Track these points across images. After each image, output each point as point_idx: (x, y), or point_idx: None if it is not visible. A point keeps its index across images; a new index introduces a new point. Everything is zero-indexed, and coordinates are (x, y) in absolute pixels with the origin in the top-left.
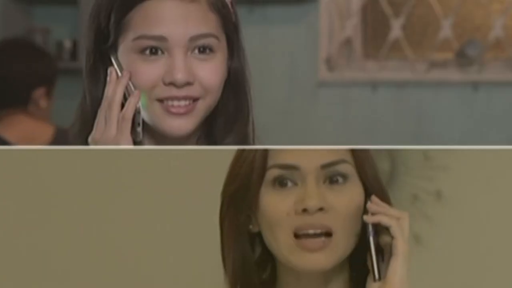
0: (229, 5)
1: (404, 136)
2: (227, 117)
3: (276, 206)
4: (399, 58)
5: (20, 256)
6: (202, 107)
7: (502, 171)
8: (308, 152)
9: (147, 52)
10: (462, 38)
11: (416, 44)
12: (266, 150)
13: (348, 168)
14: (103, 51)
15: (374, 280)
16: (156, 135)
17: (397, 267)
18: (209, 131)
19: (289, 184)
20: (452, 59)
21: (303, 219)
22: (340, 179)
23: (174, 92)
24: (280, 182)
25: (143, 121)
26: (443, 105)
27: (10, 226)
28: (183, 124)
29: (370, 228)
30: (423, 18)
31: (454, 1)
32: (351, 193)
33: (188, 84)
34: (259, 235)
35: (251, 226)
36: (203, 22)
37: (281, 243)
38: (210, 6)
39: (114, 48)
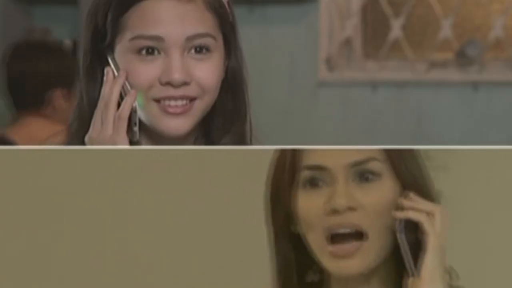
0: (226, 5)
1: (404, 136)
2: (224, 117)
3: (308, 207)
4: (399, 58)
5: (19, 255)
6: (199, 107)
7: (502, 171)
8: (336, 152)
9: (144, 52)
10: (462, 38)
11: (416, 44)
12: (295, 151)
13: (379, 166)
14: (100, 50)
15: (408, 276)
16: (153, 135)
17: (427, 263)
18: (206, 131)
19: (320, 184)
20: (452, 59)
21: (333, 219)
22: (371, 177)
23: (171, 92)
24: (312, 183)
25: (140, 121)
26: (443, 105)
27: (6, 226)
28: (180, 124)
29: (397, 224)
30: (423, 18)
31: (454, 1)
32: (382, 191)
33: (185, 84)
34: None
35: (292, 227)
36: (200, 22)
37: (314, 246)
38: (207, 5)
39: (111, 47)
